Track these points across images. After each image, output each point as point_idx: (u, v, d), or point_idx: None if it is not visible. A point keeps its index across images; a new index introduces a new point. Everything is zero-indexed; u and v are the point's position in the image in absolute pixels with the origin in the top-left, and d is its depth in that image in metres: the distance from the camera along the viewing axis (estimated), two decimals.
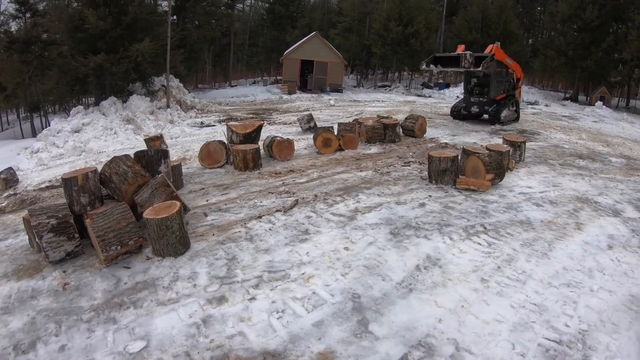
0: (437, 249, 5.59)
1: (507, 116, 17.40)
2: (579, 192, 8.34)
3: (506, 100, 17.52)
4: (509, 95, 17.80)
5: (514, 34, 33.81)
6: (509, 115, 17.69)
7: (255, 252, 5.43)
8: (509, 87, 17.84)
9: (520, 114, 18.83)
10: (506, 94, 17.65)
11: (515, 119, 18.32)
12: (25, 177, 11.59)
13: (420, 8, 35.46)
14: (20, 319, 4.21)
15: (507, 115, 17.41)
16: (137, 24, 20.41)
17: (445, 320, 4.14)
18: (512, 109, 17.97)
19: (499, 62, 17.14)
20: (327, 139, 11.10)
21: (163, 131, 16.72)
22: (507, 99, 17.59)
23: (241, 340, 3.82)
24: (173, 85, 23.67)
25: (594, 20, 28.13)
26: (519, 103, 18.66)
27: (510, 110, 17.80)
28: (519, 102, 18.89)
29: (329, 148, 11.08)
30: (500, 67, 17.38)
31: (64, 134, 15.64)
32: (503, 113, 17.10)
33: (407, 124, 13.51)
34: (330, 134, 11.31)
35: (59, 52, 20.86)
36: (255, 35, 53.18)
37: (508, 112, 17.64)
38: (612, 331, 4.12)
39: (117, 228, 5.14)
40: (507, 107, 17.43)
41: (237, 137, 10.00)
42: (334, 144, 11.18)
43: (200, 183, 8.60)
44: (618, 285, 4.95)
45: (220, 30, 36.75)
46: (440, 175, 8.18)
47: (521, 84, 19.48)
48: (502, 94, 17.42)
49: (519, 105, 18.75)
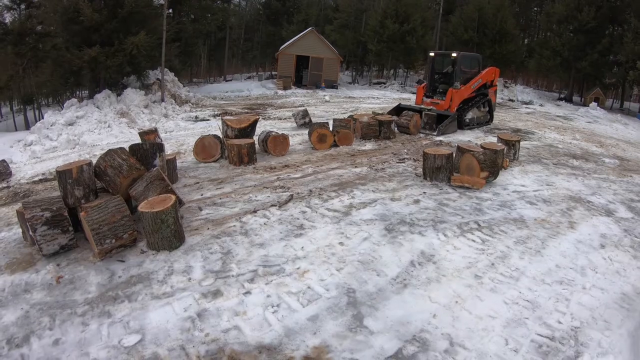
0: (432, 245, 5.62)
1: (474, 118, 15.56)
2: (573, 191, 8.40)
3: (475, 100, 15.57)
4: (479, 94, 15.83)
5: (510, 33, 33.82)
6: (479, 117, 15.91)
7: (250, 247, 5.43)
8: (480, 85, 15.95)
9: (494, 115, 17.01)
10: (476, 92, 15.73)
11: (488, 121, 16.58)
12: (18, 170, 11.52)
13: (417, 6, 35.43)
14: (14, 312, 4.19)
15: (474, 118, 15.57)
16: (133, 17, 20.25)
17: (440, 316, 4.17)
18: (483, 110, 16.13)
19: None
20: (323, 135, 11.11)
21: (157, 125, 16.67)
22: (476, 99, 15.62)
23: (236, 334, 3.83)
24: (168, 79, 23.58)
25: (590, 22, 28.20)
26: (492, 103, 16.61)
27: (481, 111, 16.02)
28: (494, 102, 16.84)
29: (324, 144, 11.09)
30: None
31: (57, 127, 15.55)
32: (468, 115, 15.23)
33: (402, 121, 13.55)
34: (326, 129, 11.30)
35: (53, 45, 20.69)
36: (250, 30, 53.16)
37: (478, 112, 15.82)
38: (604, 328, 4.17)
39: (111, 221, 5.11)
40: (474, 107, 15.49)
41: (232, 132, 9.98)
42: (329, 139, 11.18)
43: (195, 177, 8.57)
44: (610, 283, 5.01)
45: (216, 25, 36.58)
46: (435, 172, 8.21)
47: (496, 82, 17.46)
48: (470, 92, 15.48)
49: (493, 105, 16.74)
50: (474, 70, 15.96)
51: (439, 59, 16.97)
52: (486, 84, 16.15)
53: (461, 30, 34.08)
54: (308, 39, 33.74)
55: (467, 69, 15.73)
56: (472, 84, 15.40)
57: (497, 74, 16.95)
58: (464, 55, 15.74)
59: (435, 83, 16.31)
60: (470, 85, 15.33)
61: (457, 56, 15.12)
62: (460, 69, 15.20)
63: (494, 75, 16.68)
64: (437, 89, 16.08)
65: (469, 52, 18.30)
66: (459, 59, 15.09)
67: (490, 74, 16.37)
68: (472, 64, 16.17)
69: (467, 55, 16.44)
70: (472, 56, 16.84)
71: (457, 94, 14.87)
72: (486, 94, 16.12)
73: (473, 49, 32.99)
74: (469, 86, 15.25)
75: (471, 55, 17.14)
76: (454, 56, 15.24)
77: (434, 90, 16.14)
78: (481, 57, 17.13)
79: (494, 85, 16.95)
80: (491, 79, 16.49)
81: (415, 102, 16.49)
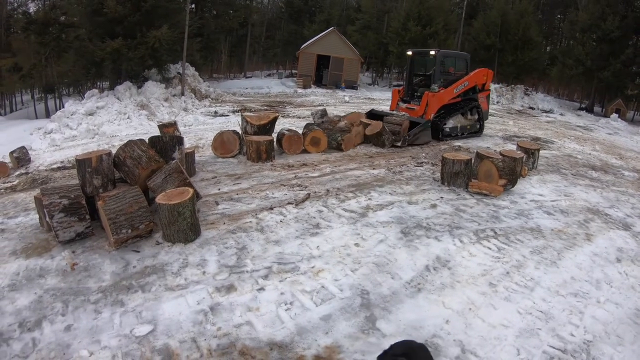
0: (447, 250, 5.57)
1: (457, 127, 13.68)
2: (590, 203, 8.28)
3: (460, 106, 13.75)
4: (467, 99, 13.99)
5: (533, 40, 33.54)
6: (465, 126, 13.97)
7: (265, 243, 5.44)
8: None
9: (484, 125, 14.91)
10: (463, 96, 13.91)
11: (476, 131, 14.53)
12: (37, 156, 11.68)
13: (440, 9, 35.27)
14: (27, 296, 4.23)
15: (457, 127, 13.68)
16: (156, 11, 20.41)
17: (452, 322, 4.13)
18: (471, 118, 14.09)
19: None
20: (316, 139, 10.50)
21: (177, 118, 16.80)
22: (461, 104, 13.80)
23: (248, 330, 3.83)
24: (188, 73, 23.75)
25: (614, 31, 27.80)
26: (482, 112, 14.45)
27: (468, 119, 14.02)
28: (485, 109, 14.68)
29: (317, 147, 10.53)
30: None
31: (77, 117, 15.71)
32: (449, 122, 13.40)
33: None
34: (320, 132, 10.58)
35: (76, 35, 20.93)
36: (272, 27, 53.38)
37: (464, 120, 13.92)
38: (617, 343, 4.09)
39: (128, 212, 5.15)
40: (457, 114, 13.65)
41: (252, 128, 9.99)
42: (322, 143, 10.54)
43: (213, 172, 8.61)
44: (625, 298, 4.92)
45: (238, 21, 36.77)
46: (453, 177, 8.15)
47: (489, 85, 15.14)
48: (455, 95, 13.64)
49: (483, 114, 14.53)
50: (460, 72, 14.26)
51: (419, 58, 15.21)
52: (475, 88, 14.27)
53: (483, 35, 33.87)
54: (329, 38, 33.78)
55: (451, 70, 14.21)
56: (456, 87, 13.55)
57: (489, 76, 14.85)
58: (446, 54, 14.34)
59: (415, 86, 14.71)
60: (453, 89, 13.49)
61: (437, 54, 13.49)
62: (440, 70, 13.58)
63: (486, 78, 14.64)
64: (415, 92, 14.43)
65: (453, 51, 16.88)
66: (438, 58, 13.48)
67: (480, 77, 14.39)
68: (458, 65, 14.50)
69: (450, 53, 15.15)
70: (457, 55, 15.29)
71: (435, 98, 13.03)
72: (475, 99, 14.22)
73: (495, 54, 32.84)
74: (450, 89, 13.41)
75: (456, 53, 15.71)
76: (433, 54, 13.59)
77: (413, 94, 14.50)
78: (469, 56, 14.98)
79: (486, 90, 14.92)
80: (482, 82, 14.49)
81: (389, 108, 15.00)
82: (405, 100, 14.39)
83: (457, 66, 14.43)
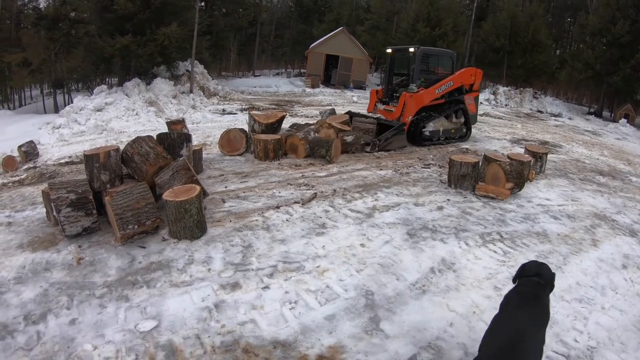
0: (453, 253, 5.56)
1: (439, 131, 12.66)
2: (597, 208, 8.23)
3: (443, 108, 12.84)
4: (451, 100, 13.04)
5: (542, 43, 33.32)
6: (449, 130, 12.96)
7: (271, 242, 5.45)
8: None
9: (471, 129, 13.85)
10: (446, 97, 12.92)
11: (462, 136, 13.52)
12: (45, 151, 11.77)
13: (449, 10, 35.09)
14: (33, 290, 4.26)
15: (439, 130, 12.66)
16: (166, 8, 20.52)
17: (456, 325, 4.12)
18: (456, 121, 13.16)
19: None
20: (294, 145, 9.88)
21: (185, 115, 16.88)
22: (444, 106, 12.90)
23: (252, 328, 3.83)
24: (197, 71, 23.83)
25: (624, 36, 27.53)
26: (469, 114, 13.40)
27: (453, 122, 13.09)
28: (474, 111, 13.64)
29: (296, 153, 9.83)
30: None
31: (86, 112, 15.81)
32: (429, 126, 12.38)
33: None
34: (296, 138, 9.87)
35: (86, 31, 21.11)
36: (281, 26, 53.49)
37: (448, 124, 12.96)
38: (620, 350, 4.06)
39: (135, 207, 5.17)
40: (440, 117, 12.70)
41: (259, 127, 10.00)
42: (300, 150, 9.75)
43: (220, 169, 8.63)
44: (630, 305, 4.88)
45: (247, 20, 36.86)
46: (460, 179, 8.13)
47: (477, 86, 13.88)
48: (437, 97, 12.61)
49: (470, 117, 13.48)
50: (445, 71, 13.34)
51: (399, 56, 14.03)
52: (462, 89, 13.22)
53: (493, 38, 33.68)
54: (338, 38, 33.82)
55: (432, 69, 13.25)
56: (438, 88, 12.51)
57: (478, 76, 13.74)
58: (427, 52, 13.14)
59: (396, 87, 13.69)
60: (435, 89, 12.44)
61: (416, 52, 12.46)
62: (420, 69, 12.60)
63: (474, 78, 13.55)
64: (395, 93, 13.35)
65: (435, 48, 15.73)
66: (418, 56, 12.48)
67: (467, 76, 13.41)
68: (443, 63, 13.52)
69: (432, 51, 13.95)
70: (440, 53, 14.19)
71: (413, 99, 12.00)
72: (461, 100, 13.16)
73: (504, 57, 32.67)
74: (432, 90, 12.38)
75: (439, 51, 14.56)
76: (412, 51, 12.54)
77: (392, 95, 13.46)
78: (455, 54, 13.95)
79: (475, 91, 13.73)
80: (469, 82, 13.44)
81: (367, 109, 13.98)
82: (384, 101, 13.58)
83: (441, 64, 13.51)
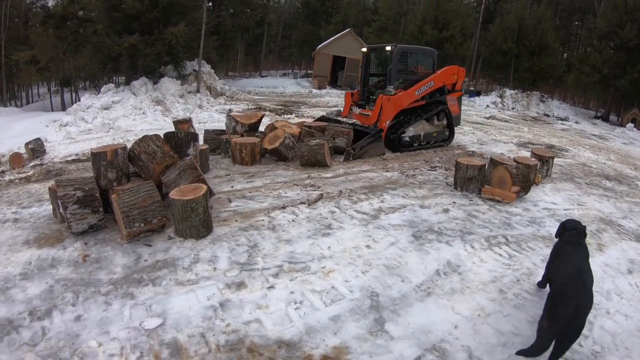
0: (458, 255, 5.55)
1: (420, 136, 11.76)
2: (603, 213, 8.19)
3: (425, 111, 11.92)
4: (433, 101, 12.15)
5: (550, 46, 33.19)
6: (431, 134, 12.06)
7: (277, 242, 5.46)
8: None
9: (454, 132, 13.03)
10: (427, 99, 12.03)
11: (445, 139, 12.73)
12: (52, 148, 11.82)
13: (457, 13, 34.96)
14: (39, 286, 4.29)
15: (420, 135, 11.75)
16: (173, 8, 20.59)
17: (461, 327, 4.12)
18: (438, 124, 12.28)
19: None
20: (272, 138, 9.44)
21: (192, 115, 16.92)
22: (426, 109, 11.99)
23: (257, 327, 3.84)
24: (204, 70, 23.87)
25: (632, 40, 27.32)
26: (452, 117, 12.58)
27: (435, 125, 12.20)
28: (456, 113, 12.80)
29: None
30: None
31: (93, 110, 15.85)
32: (409, 131, 11.49)
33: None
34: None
35: (94, 30, 21.18)
36: (289, 27, 53.55)
37: (430, 127, 12.06)
38: (625, 355, 4.06)
39: (142, 206, 5.19)
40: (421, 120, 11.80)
41: (242, 128, 9.94)
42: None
43: (226, 169, 8.65)
44: (635, 310, 4.85)
45: (255, 20, 36.86)
46: (466, 182, 8.11)
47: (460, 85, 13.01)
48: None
49: (453, 119, 12.67)
50: (426, 70, 12.38)
51: (376, 56, 13.10)
52: (444, 89, 12.40)
53: (500, 40, 33.57)
54: (346, 39, 33.82)
55: (412, 68, 12.22)
56: (418, 89, 11.62)
57: (461, 74, 12.89)
58: (405, 50, 12.08)
59: (372, 88, 12.73)
60: (414, 91, 11.55)
61: (394, 50, 11.47)
62: (398, 69, 11.62)
63: (457, 77, 12.69)
64: (371, 96, 12.41)
65: (414, 46, 14.78)
66: (395, 55, 11.46)
67: (449, 75, 12.52)
68: (423, 62, 12.53)
69: (411, 49, 12.70)
70: (419, 51, 12.98)
71: (391, 102, 11.15)
72: (443, 101, 12.31)
73: (511, 59, 32.58)
74: (411, 91, 11.49)
75: (418, 49, 13.27)
76: (389, 50, 11.60)
77: (369, 97, 12.49)
78: (436, 52, 12.92)
79: (457, 91, 12.89)
80: (451, 81, 12.60)
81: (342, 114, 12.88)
82: (360, 104, 12.55)
83: (420, 64, 12.48)
